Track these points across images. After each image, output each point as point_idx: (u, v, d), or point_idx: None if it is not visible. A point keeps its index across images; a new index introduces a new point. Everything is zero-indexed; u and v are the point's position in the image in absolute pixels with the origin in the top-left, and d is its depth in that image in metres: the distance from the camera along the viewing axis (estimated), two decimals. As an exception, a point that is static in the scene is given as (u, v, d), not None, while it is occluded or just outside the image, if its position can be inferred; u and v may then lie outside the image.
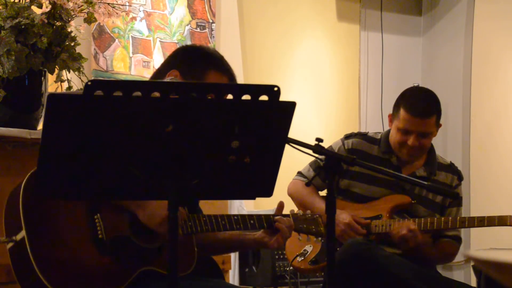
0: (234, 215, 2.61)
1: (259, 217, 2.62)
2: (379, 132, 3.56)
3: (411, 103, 3.36)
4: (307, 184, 3.46)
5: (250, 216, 2.62)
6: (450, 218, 3.31)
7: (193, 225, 2.52)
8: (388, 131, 3.49)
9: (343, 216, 3.31)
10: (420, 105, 3.34)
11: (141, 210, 2.41)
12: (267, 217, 2.63)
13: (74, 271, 2.33)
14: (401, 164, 3.44)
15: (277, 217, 2.64)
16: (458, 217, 3.31)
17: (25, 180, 2.32)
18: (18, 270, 2.33)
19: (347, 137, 3.53)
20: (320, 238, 3.43)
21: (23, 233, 2.28)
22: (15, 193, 2.34)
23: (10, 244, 2.33)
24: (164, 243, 2.45)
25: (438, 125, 3.42)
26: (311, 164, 3.55)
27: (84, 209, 2.39)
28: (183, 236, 2.48)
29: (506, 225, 3.20)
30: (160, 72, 2.66)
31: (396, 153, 3.42)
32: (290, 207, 3.42)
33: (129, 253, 2.41)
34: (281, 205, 2.70)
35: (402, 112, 3.35)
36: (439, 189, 3.11)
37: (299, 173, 3.58)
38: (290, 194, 3.54)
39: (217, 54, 2.70)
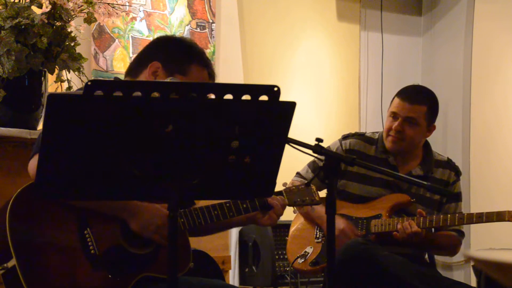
0: (226, 202, 2.59)
1: (251, 200, 2.61)
2: (377, 132, 3.56)
3: (405, 90, 3.49)
4: (307, 184, 3.46)
5: (243, 202, 2.61)
6: (449, 215, 3.30)
7: (185, 222, 2.50)
8: (386, 131, 3.51)
9: (339, 222, 3.30)
10: (412, 93, 3.47)
11: (133, 220, 2.39)
12: (260, 198, 2.62)
13: None
14: (398, 163, 3.45)
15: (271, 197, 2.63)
16: (457, 214, 3.30)
17: (10, 204, 2.30)
18: None
19: (345, 137, 3.53)
20: (320, 239, 3.43)
21: (13, 261, 2.26)
22: (1, 217, 2.31)
23: (2, 271, 2.31)
24: (157, 247, 2.44)
25: (431, 123, 3.43)
26: (309, 165, 3.55)
27: (73, 225, 2.36)
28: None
29: (505, 220, 3.20)
30: (140, 62, 2.58)
31: (386, 145, 3.44)
32: (289, 210, 3.43)
33: (124, 263, 2.39)
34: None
35: (395, 99, 3.46)
36: (437, 189, 3.11)
37: (298, 174, 3.58)
38: (294, 212, 3.53)
39: (199, 48, 2.64)
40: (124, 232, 2.41)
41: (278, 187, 2.75)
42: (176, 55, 2.56)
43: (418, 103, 3.40)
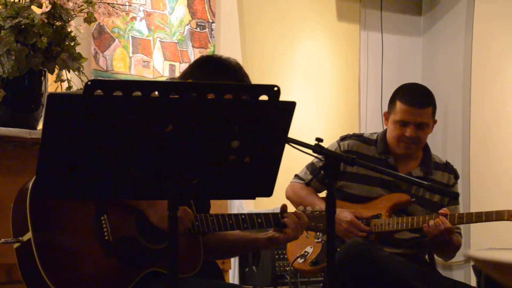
0: (241, 214, 2.60)
1: (266, 215, 2.61)
2: (375, 133, 3.56)
3: (407, 94, 3.42)
4: (307, 184, 3.46)
5: (258, 215, 2.61)
6: (449, 215, 3.29)
7: (200, 225, 2.51)
8: (385, 131, 3.49)
9: (344, 214, 3.31)
10: (416, 96, 3.41)
11: (152, 211, 2.40)
12: (274, 215, 2.62)
13: (80, 272, 2.34)
14: (398, 164, 3.45)
15: (286, 213, 2.62)
16: (456, 214, 3.30)
17: (32, 180, 2.31)
18: (24, 270, 2.33)
19: (343, 138, 3.52)
20: (320, 239, 3.43)
21: (29, 235, 2.29)
22: (22, 193, 2.34)
23: (17, 244, 2.33)
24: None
25: (434, 120, 3.43)
26: (307, 167, 3.55)
27: (91, 210, 2.38)
28: (190, 237, 2.48)
29: (504, 219, 3.20)
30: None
31: (394, 149, 3.43)
32: (289, 210, 3.42)
33: (135, 255, 2.41)
34: (284, 208, 2.69)
35: (398, 104, 3.39)
36: (438, 189, 3.12)
37: (296, 176, 3.58)
38: (288, 197, 3.53)
39: (232, 65, 2.65)
40: (139, 225, 2.42)
41: (292, 209, 2.75)
42: (209, 75, 2.57)
43: (426, 106, 3.38)
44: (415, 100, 3.38)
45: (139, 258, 2.41)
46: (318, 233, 3.45)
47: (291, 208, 2.90)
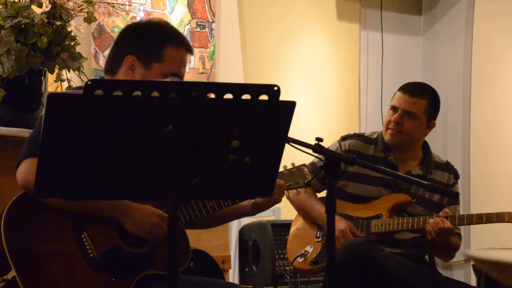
0: None
1: None
2: (376, 132, 3.56)
3: (407, 84, 3.52)
4: (307, 184, 3.46)
5: None
6: (450, 216, 3.30)
7: (181, 216, 2.49)
8: (385, 130, 3.51)
9: (338, 223, 3.29)
10: (412, 86, 3.50)
11: (127, 219, 2.38)
12: None
13: None
14: (398, 162, 3.45)
15: None
16: (457, 215, 3.30)
17: (4, 215, 2.29)
18: None
19: (344, 138, 3.53)
20: (320, 239, 3.43)
21: (13, 272, 2.25)
22: None
23: (2, 284, 2.29)
24: (155, 244, 2.43)
25: (429, 117, 3.43)
26: (308, 167, 3.54)
27: (69, 231, 2.36)
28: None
29: (504, 221, 3.20)
30: (115, 58, 2.52)
31: (384, 137, 3.44)
32: (290, 210, 3.43)
33: (124, 263, 2.39)
34: None
35: (396, 93, 3.49)
36: (438, 189, 3.11)
37: (296, 177, 3.58)
38: (288, 197, 3.53)
39: (167, 26, 2.56)
40: (120, 232, 2.40)
41: (291, 209, 2.73)
42: (147, 43, 2.48)
43: (418, 97, 3.42)
44: (409, 88, 3.46)
45: (128, 265, 2.39)
46: (318, 233, 3.45)
47: (290, 209, 2.90)
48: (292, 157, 2.66)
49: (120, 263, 2.38)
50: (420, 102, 3.41)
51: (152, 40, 2.48)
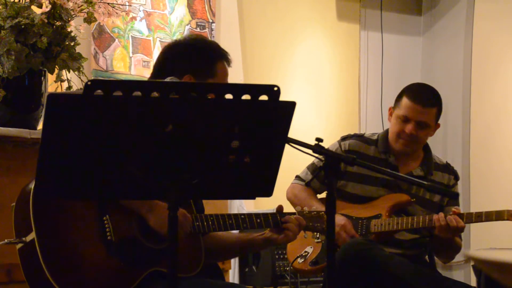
0: (241, 214, 2.61)
1: (265, 216, 2.63)
2: (376, 133, 3.56)
3: (415, 91, 3.43)
4: (307, 184, 3.46)
5: (257, 215, 2.62)
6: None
7: (201, 225, 2.52)
8: (386, 131, 3.50)
9: (338, 218, 3.29)
10: (423, 94, 3.42)
11: (151, 216, 2.41)
12: (273, 215, 2.64)
13: (83, 272, 2.34)
14: (399, 163, 3.45)
15: (285, 217, 2.64)
16: (457, 215, 3.30)
17: (34, 181, 2.32)
18: (27, 271, 2.33)
19: (344, 138, 3.53)
20: (320, 239, 3.43)
21: (32, 235, 2.29)
22: (25, 194, 2.34)
23: (20, 245, 2.33)
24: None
25: (437, 122, 3.43)
26: (308, 167, 3.55)
27: (93, 210, 2.39)
28: (190, 237, 2.49)
29: (504, 219, 3.20)
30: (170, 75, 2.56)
31: (393, 146, 3.43)
32: (289, 210, 3.42)
33: (137, 254, 2.41)
34: (280, 209, 2.70)
35: (404, 100, 3.41)
36: (438, 189, 3.11)
37: (297, 177, 3.58)
38: (288, 198, 3.54)
39: (212, 43, 2.73)
40: (140, 226, 2.43)
41: (290, 209, 2.76)
42: (200, 61, 2.63)
43: (430, 106, 3.38)
44: (421, 98, 3.39)
45: (141, 258, 2.41)
46: (315, 233, 3.45)
47: (289, 208, 2.90)
48: (292, 157, 2.66)
49: (134, 253, 2.40)
50: (432, 111, 3.39)
51: (204, 57, 2.64)
